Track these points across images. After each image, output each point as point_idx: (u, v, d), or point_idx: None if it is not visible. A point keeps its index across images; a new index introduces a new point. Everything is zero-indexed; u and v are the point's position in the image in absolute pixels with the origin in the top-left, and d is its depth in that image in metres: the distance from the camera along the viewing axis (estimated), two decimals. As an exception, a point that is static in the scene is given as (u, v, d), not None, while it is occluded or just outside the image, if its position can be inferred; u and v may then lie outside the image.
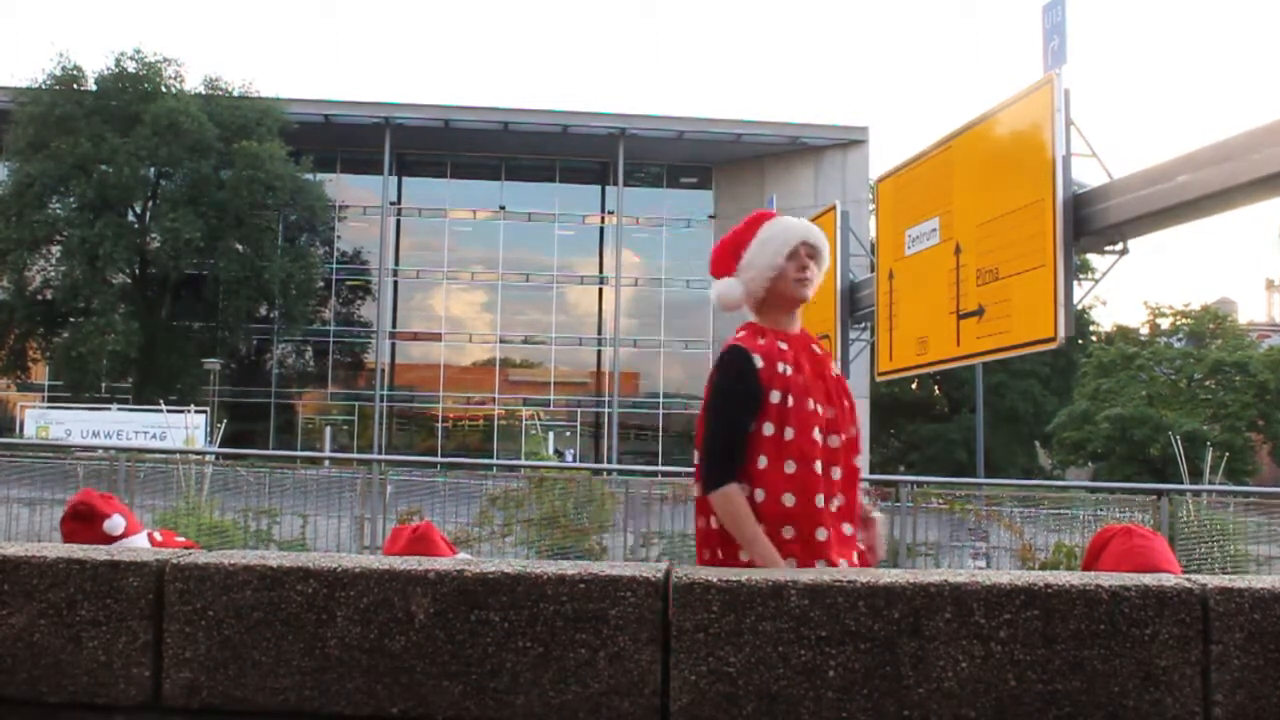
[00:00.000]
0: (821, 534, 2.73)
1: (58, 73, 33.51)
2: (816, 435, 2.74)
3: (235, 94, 35.22)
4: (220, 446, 19.97)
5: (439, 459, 32.51)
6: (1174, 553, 2.54)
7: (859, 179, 38.14)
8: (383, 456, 25.92)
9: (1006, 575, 1.82)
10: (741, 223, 2.95)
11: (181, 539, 3.51)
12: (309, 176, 35.69)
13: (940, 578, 1.79)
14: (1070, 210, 10.52)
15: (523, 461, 26.39)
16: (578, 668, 1.80)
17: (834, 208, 17.15)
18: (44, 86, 33.29)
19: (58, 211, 33.67)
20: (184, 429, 24.82)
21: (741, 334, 2.83)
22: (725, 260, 2.90)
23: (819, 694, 1.76)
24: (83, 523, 3.12)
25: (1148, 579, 1.81)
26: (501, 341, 41.84)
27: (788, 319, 2.85)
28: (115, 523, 3.10)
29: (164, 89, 33.86)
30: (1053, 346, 11.23)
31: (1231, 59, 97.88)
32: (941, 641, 1.75)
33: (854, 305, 16.23)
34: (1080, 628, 1.74)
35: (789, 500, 2.66)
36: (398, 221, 41.69)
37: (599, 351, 41.94)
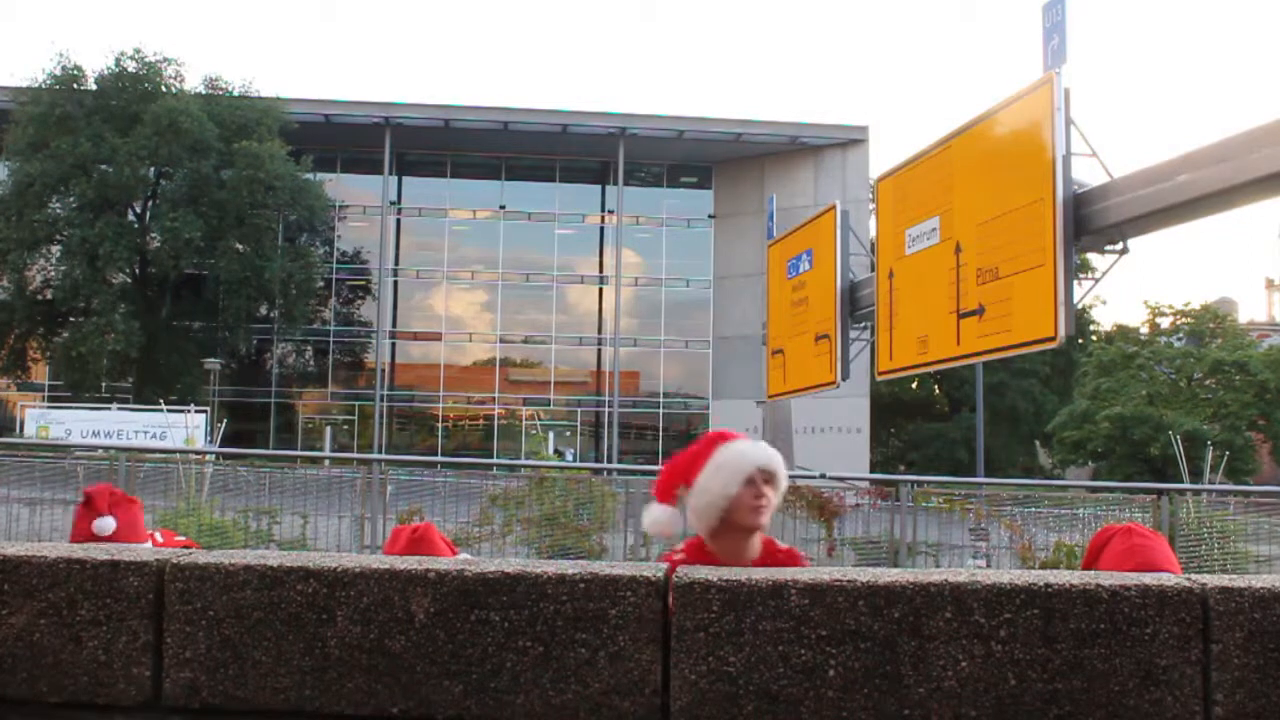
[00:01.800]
0: None
1: (58, 73, 33.50)
2: None
3: (235, 94, 35.23)
4: (220, 446, 19.98)
5: (439, 459, 32.51)
6: (1174, 552, 2.54)
7: (859, 178, 38.16)
8: (383, 456, 25.94)
9: (1006, 575, 1.82)
10: (697, 443, 2.74)
11: (181, 538, 3.51)
12: (309, 176, 35.69)
13: (940, 577, 1.79)
14: (1070, 209, 10.52)
15: (523, 461, 26.42)
16: (578, 667, 1.80)
17: (834, 207, 17.15)
18: (44, 86, 33.29)
19: (58, 211, 33.67)
20: (184, 429, 24.82)
21: (680, 555, 2.65)
22: (669, 485, 2.69)
23: (819, 693, 1.76)
24: (84, 510, 3.12)
25: (1148, 578, 1.80)
26: (501, 341, 41.85)
27: (743, 544, 2.64)
28: (105, 523, 3.08)
29: (164, 89, 33.85)
30: (1053, 346, 11.24)
31: (1231, 59, 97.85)
32: (942, 641, 1.75)
33: (854, 305, 16.23)
34: (1080, 627, 1.74)
35: None
36: (398, 221, 41.69)
37: (599, 351, 41.95)
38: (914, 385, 43.22)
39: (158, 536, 3.32)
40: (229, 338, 36.50)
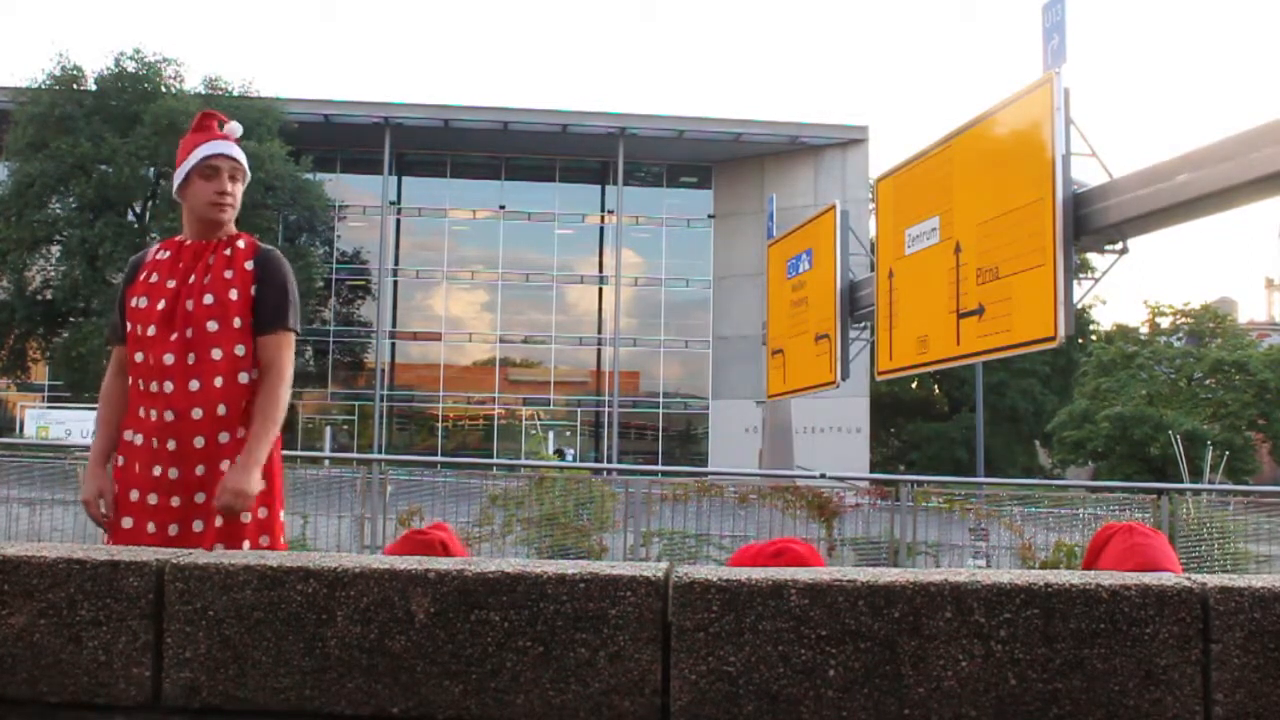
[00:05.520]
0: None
1: (58, 73, 33.49)
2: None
3: (235, 94, 35.19)
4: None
5: (439, 459, 32.50)
6: (1174, 551, 2.54)
7: (859, 178, 38.15)
8: (383, 456, 25.93)
9: (1006, 575, 1.82)
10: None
11: None
12: (309, 176, 35.67)
13: (940, 577, 1.79)
14: (1070, 209, 10.53)
15: (523, 461, 26.41)
16: (578, 667, 1.80)
17: (834, 207, 17.17)
18: (44, 86, 33.27)
19: (58, 211, 33.66)
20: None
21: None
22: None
23: (819, 693, 1.76)
24: None
25: (1148, 578, 1.80)
26: (501, 341, 41.83)
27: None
28: None
29: (164, 89, 33.84)
30: (1052, 345, 11.26)
31: (1231, 59, 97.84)
32: (942, 641, 1.75)
33: (854, 305, 16.25)
34: (1080, 627, 1.74)
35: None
36: (398, 221, 41.68)
37: (599, 351, 41.94)
38: (914, 385, 43.21)
39: None
40: (229, 338, 36.41)
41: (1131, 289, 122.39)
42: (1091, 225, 10.65)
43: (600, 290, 41.94)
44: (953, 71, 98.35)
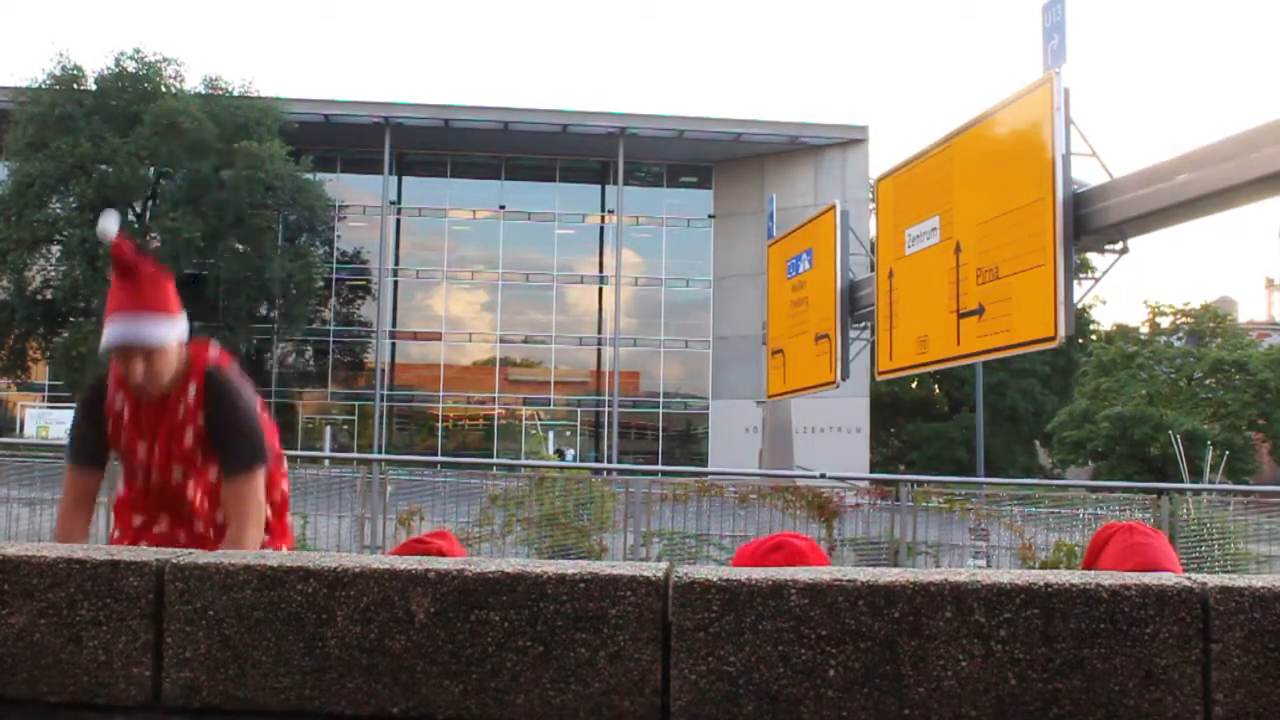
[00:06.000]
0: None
1: (58, 73, 33.52)
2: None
3: (235, 94, 35.22)
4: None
5: (439, 459, 32.51)
6: (1175, 551, 2.54)
7: (859, 178, 38.16)
8: (383, 456, 25.94)
9: (1006, 575, 1.82)
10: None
11: None
12: (309, 176, 35.68)
13: (940, 577, 1.79)
14: (1070, 209, 10.53)
15: (523, 461, 26.42)
16: (578, 667, 1.80)
17: (834, 207, 17.18)
18: (44, 86, 33.30)
19: (58, 211, 33.68)
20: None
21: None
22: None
23: (819, 693, 1.76)
24: None
25: (1148, 578, 1.80)
26: (501, 341, 41.84)
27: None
28: None
29: (164, 89, 33.86)
30: (1053, 345, 11.26)
31: (1231, 59, 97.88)
32: (942, 641, 1.75)
33: (854, 305, 16.25)
34: (1080, 627, 1.74)
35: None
36: (398, 221, 41.68)
37: (599, 351, 41.94)
38: (914, 385, 43.22)
39: None
40: (229, 338, 36.48)
41: (1131, 289, 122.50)
42: (1091, 225, 10.65)
43: (600, 290, 41.94)
44: (953, 71, 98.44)
